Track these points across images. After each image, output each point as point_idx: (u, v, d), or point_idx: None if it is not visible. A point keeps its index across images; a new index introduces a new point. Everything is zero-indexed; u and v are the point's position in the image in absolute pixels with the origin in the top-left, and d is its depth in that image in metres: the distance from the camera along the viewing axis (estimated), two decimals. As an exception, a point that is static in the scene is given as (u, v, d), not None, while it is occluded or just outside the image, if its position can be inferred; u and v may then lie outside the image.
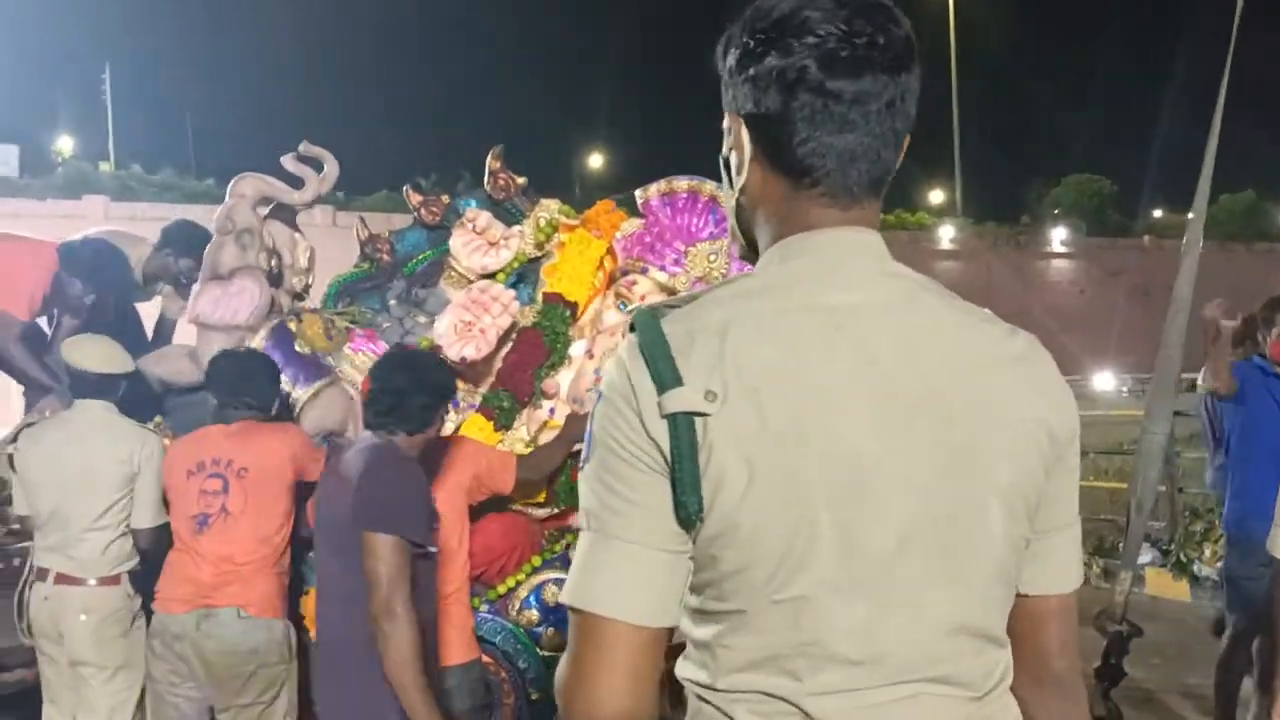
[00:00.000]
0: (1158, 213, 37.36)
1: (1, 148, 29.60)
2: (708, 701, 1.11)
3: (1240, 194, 34.06)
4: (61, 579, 3.43)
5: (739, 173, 1.17)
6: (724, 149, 1.21)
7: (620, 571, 1.06)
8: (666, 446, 1.04)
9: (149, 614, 3.43)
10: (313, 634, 3.22)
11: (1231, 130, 4.51)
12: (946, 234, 33.64)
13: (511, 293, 3.65)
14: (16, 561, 4.04)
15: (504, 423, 3.54)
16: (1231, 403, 4.10)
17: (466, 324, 3.56)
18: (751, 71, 1.11)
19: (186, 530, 3.28)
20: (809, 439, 1.04)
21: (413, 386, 2.80)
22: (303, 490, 3.33)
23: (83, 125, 35.55)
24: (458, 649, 3.07)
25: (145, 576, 3.50)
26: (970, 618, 1.10)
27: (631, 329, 1.09)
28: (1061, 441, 1.13)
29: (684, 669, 1.15)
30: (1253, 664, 4.03)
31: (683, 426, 1.02)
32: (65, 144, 34.39)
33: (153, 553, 3.49)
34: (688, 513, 1.03)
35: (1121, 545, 3.33)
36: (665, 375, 1.04)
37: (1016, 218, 35.90)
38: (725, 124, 1.19)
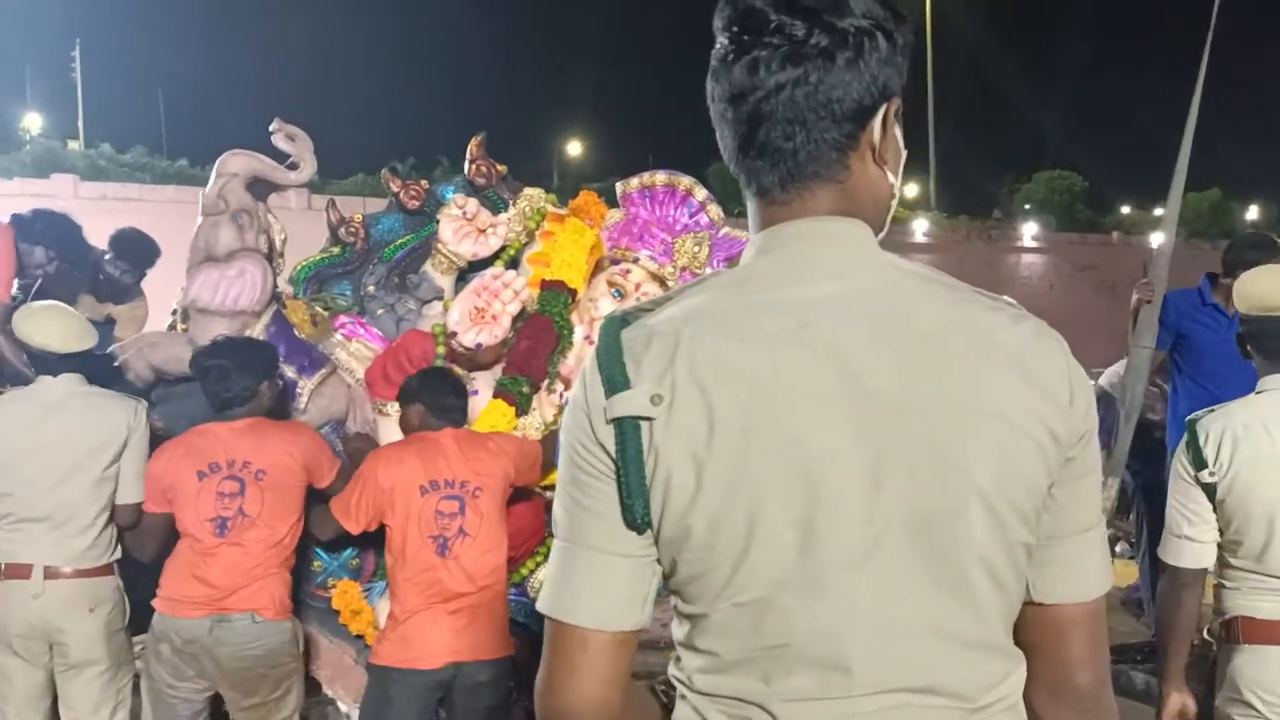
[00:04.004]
0: (1125, 209, 37.79)
1: (-33, 125, 29.14)
2: (686, 700, 1.11)
3: (1206, 192, 34.52)
4: (54, 573, 3.16)
5: None
6: None
7: (585, 578, 1.07)
8: (614, 452, 1.03)
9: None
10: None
11: (1199, 129, 4.64)
12: (920, 227, 33.78)
13: (523, 279, 3.70)
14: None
15: (524, 407, 3.62)
16: None
17: (479, 310, 3.60)
18: None
19: (202, 533, 3.16)
20: (758, 439, 1.00)
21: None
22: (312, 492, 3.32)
23: (51, 102, 35.03)
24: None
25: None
26: (956, 624, 1.04)
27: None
28: (1067, 441, 1.05)
29: (671, 668, 1.15)
30: None
31: (629, 431, 1.02)
32: (33, 121, 33.79)
33: (131, 535, 3.31)
34: (633, 518, 1.03)
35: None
36: (615, 380, 1.03)
37: (989, 212, 36.15)
38: None
